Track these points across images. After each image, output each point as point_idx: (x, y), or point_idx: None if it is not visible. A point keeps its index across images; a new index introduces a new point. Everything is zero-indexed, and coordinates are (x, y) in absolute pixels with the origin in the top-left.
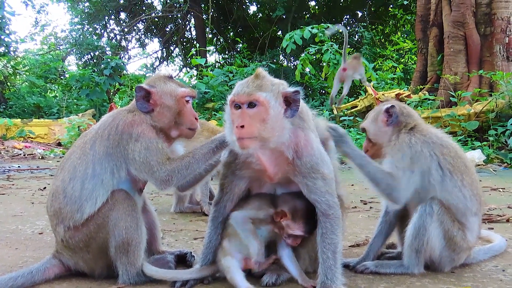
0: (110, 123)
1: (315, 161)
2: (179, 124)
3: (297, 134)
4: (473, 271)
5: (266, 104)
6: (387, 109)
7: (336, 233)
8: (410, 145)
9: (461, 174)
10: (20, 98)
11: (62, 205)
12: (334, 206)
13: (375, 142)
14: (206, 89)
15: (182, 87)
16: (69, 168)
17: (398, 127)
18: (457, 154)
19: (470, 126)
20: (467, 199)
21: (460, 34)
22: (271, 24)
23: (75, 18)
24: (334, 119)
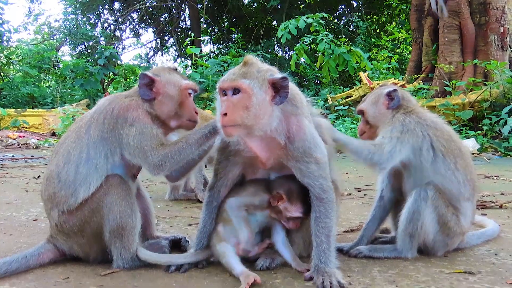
0: (106, 107)
1: (308, 145)
2: (180, 116)
3: (289, 120)
4: (466, 255)
5: (249, 91)
6: (389, 93)
7: (330, 216)
8: (403, 123)
9: (454, 157)
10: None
11: (57, 190)
12: (328, 190)
13: (373, 124)
14: (201, 79)
15: (185, 79)
16: (63, 152)
17: (397, 110)
18: (451, 138)
19: (465, 116)
20: (460, 184)
21: (455, 23)
22: (266, 14)
23: (68, 8)
24: (329, 109)
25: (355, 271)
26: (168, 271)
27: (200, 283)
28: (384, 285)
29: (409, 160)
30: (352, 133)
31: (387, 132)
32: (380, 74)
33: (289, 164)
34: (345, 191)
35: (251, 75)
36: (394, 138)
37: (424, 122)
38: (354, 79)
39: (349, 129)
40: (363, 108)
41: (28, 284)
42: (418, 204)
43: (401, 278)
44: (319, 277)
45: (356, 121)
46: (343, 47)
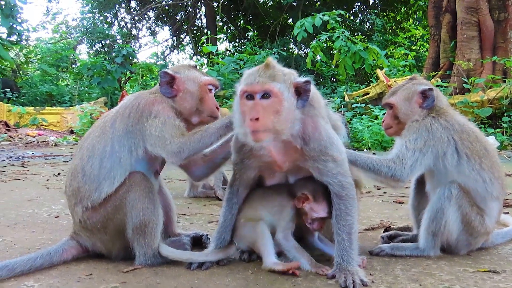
0: (132, 101)
1: (324, 144)
2: (201, 111)
3: (305, 121)
4: (490, 254)
5: (280, 95)
6: (424, 91)
7: (351, 214)
8: (429, 130)
9: (479, 158)
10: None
11: (81, 184)
12: (347, 186)
13: (402, 120)
14: (217, 76)
15: (205, 75)
16: (88, 146)
17: (428, 111)
18: (477, 139)
19: (484, 113)
20: (487, 183)
21: (474, 20)
22: (282, 12)
23: (86, 7)
24: (346, 106)
25: (377, 269)
26: (190, 268)
27: (222, 281)
28: (407, 284)
29: (431, 167)
30: (370, 130)
31: (411, 142)
32: (397, 71)
33: (306, 165)
34: (364, 188)
35: (279, 78)
36: (417, 150)
37: (452, 127)
38: (370, 76)
39: (367, 127)
40: (393, 102)
41: (52, 280)
42: (441, 203)
43: (424, 277)
44: (342, 275)
45: (373, 119)
46: (360, 44)
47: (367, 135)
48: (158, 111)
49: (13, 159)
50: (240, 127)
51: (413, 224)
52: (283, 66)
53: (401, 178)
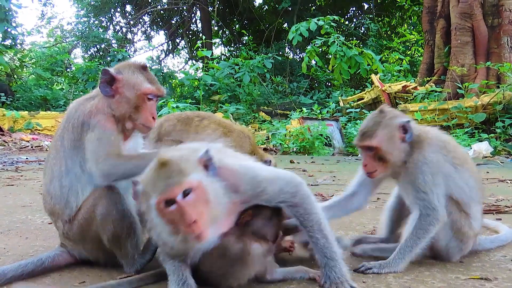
0: (73, 114)
1: (250, 178)
2: (134, 119)
3: (223, 174)
4: (482, 261)
5: (200, 184)
6: (403, 126)
7: (314, 211)
8: (427, 162)
9: (466, 165)
10: (27, 91)
11: (51, 205)
12: (296, 192)
13: (389, 160)
14: (212, 81)
15: (150, 82)
16: (48, 170)
17: (411, 142)
18: (456, 146)
19: (477, 118)
20: (472, 189)
21: (468, 25)
22: (277, 16)
23: (81, 11)
24: (341, 111)
25: (370, 276)
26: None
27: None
28: None
29: (445, 187)
30: None
31: (425, 185)
32: (391, 76)
33: (248, 204)
34: None
35: (187, 169)
36: (434, 187)
37: (437, 146)
38: (365, 81)
39: None
40: (376, 145)
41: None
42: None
43: (416, 284)
44: (332, 284)
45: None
46: (355, 49)
47: None
48: (95, 124)
49: (7, 164)
50: (171, 237)
51: (384, 227)
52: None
53: (443, 217)
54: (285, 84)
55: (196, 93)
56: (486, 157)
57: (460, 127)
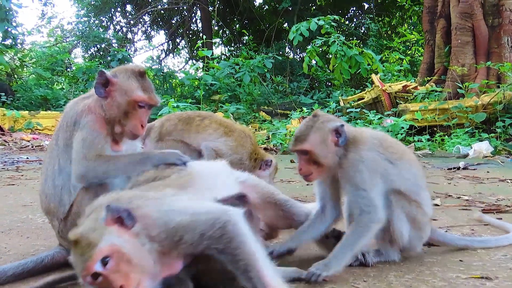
0: (68, 112)
1: (166, 229)
2: (123, 124)
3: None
4: (482, 260)
5: (115, 248)
6: (336, 129)
7: (244, 256)
8: (362, 160)
9: (405, 157)
10: (27, 90)
11: (47, 204)
12: (221, 239)
13: (323, 163)
14: (213, 81)
15: (143, 90)
16: (44, 170)
17: (345, 144)
18: (393, 142)
19: (478, 118)
20: (416, 177)
21: (468, 25)
22: (277, 16)
23: (81, 11)
24: (341, 111)
25: (371, 276)
26: None
27: None
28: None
29: (383, 185)
30: None
31: (363, 183)
32: (392, 76)
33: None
34: None
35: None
36: (373, 186)
37: (372, 144)
38: (365, 81)
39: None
40: (308, 149)
41: None
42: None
43: (417, 283)
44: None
45: (368, 123)
46: (355, 49)
47: None
48: (85, 123)
49: (7, 164)
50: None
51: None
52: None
53: (382, 217)
54: (286, 84)
55: (197, 92)
56: (486, 156)
57: (460, 126)
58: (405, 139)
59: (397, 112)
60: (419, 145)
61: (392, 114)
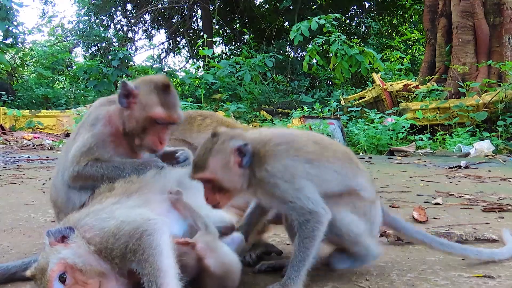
0: (92, 113)
1: (102, 236)
2: (141, 139)
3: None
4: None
5: (66, 265)
6: (239, 149)
7: (157, 274)
8: (273, 174)
9: (325, 153)
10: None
11: (54, 197)
12: (136, 252)
13: (231, 189)
14: (213, 80)
15: (163, 106)
16: (58, 162)
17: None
18: (307, 140)
19: (479, 117)
20: (341, 171)
21: (469, 24)
22: (278, 15)
23: (82, 10)
24: (342, 110)
25: (373, 274)
26: None
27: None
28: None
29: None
30: (366, 134)
31: (282, 192)
32: (393, 75)
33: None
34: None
35: None
36: (296, 192)
37: (281, 151)
38: (366, 80)
39: (362, 130)
40: (211, 177)
41: None
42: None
43: (420, 282)
44: None
45: (369, 122)
46: (356, 48)
47: (363, 138)
48: (95, 131)
49: (8, 162)
50: None
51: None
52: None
53: (325, 215)
54: (286, 83)
55: (197, 91)
56: (487, 155)
57: (461, 125)
58: (406, 138)
59: (398, 111)
60: (420, 144)
61: (393, 113)
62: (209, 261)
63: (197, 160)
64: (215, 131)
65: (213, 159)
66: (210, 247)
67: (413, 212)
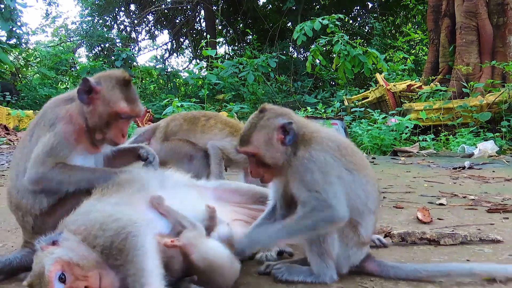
0: (48, 113)
1: (87, 227)
2: (104, 133)
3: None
4: (489, 260)
5: (63, 263)
6: (283, 126)
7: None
8: (313, 160)
9: (364, 171)
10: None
11: (18, 200)
12: (122, 253)
13: (272, 164)
14: (217, 80)
15: (127, 101)
16: (14, 165)
17: (295, 142)
18: (354, 150)
19: (483, 117)
20: (369, 197)
21: (473, 24)
22: (281, 16)
23: (85, 10)
24: (345, 111)
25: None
26: None
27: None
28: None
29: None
30: (369, 134)
31: (312, 182)
32: (396, 75)
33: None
34: None
35: None
36: (326, 185)
37: (328, 147)
38: (370, 80)
39: (366, 131)
40: (255, 152)
41: None
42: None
43: (425, 284)
44: None
45: (372, 123)
46: (359, 48)
47: (367, 139)
48: (59, 130)
49: None
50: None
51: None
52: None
53: (342, 217)
54: (289, 83)
55: (201, 92)
56: (491, 156)
57: (465, 126)
58: (409, 138)
59: (402, 111)
60: (424, 144)
61: (396, 113)
62: (193, 256)
63: (243, 134)
64: (263, 107)
65: (258, 134)
66: (193, 243)
67: (417, 213)
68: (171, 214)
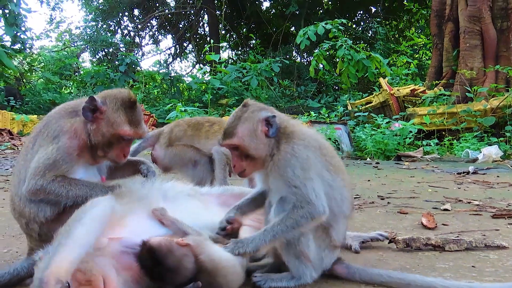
0: (52, 124)
1: None
2: (106, 151)
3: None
4: (495, 266)
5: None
6: (267, 119)
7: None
8: (295, 155)
9: (342, 175)
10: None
11: (21, 208)
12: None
13: (256, 156)
14: (220, 85)
15: (130, 124)
16: (16, 172)
17: (278, 136)
18: (333, 153)
19: (487, 122)
20: (344, 201)
21: (476, 29)
22: (284, 20)
23: (89, 15)
24: (349, 115)
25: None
26: None
27: None
28: None
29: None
30: (373, 139)
31: (292, 178)
32: (400, 79)
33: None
34: (368, 199)
35: None
36: (306, 181)
37: (310, 144)
38: (373, 85)
39: (370, 135)
40: (238, 144)
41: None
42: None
43: None
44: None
45: (376, 127)
46: (362, 53)
47: (370, 143)
48: (63, 144)
49: None
50: None
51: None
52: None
53: (322, 213)
54: (293, 88)
55: (204, 96)
56: (496, 161)
57: (469, 131)
58: (413, 143)
59: (405, 116)
60: (428, 149)
61: (400, 118)
62: (202, 257)
63: (227, 127)
64: (246, 102)
65: (242, 126)
66: (200, 245)
67: (422, 218)
68: (175, 224)
